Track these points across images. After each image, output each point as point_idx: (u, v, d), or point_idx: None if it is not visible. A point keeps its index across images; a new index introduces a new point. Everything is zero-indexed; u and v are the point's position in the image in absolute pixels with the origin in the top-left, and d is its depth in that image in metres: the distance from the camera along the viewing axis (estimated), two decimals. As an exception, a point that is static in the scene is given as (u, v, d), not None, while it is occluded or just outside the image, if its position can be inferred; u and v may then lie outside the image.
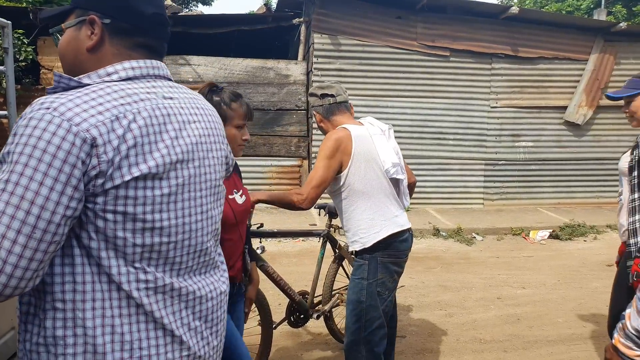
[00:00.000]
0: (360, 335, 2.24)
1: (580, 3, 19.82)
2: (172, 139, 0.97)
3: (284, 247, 5.96)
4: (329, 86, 2.37)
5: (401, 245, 2.30)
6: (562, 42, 7.82)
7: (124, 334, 0.94)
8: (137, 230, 0.93)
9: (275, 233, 2.95)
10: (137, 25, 1.03)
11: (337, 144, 2.17)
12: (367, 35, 7.34)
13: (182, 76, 7.32)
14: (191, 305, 1.04)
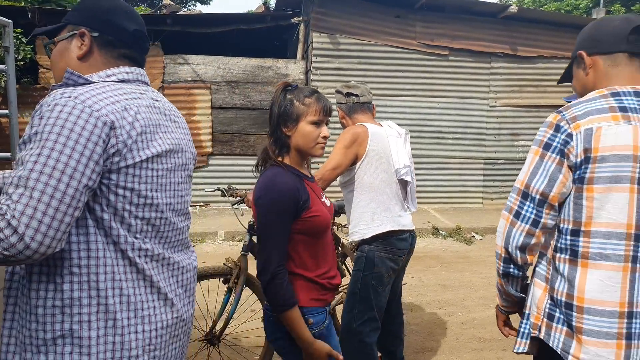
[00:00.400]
0: (352, 325, 2.34)
1: (579, 2, 19.81)
2: (164, 132, 1.18)
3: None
4: (355, 86, 2.49)
5: (399, 243, 2.36)
6: (561, 41, 7.83)
7: (129, 296, 1.10)
8: (139, 205, 1.11)
9: None
10: (121, 39, 1.21)
11: (354, 137, 2.30)
12: (366, 34, 7.35)
13: (180, 75, 7.31)
14: (176, 274, 1.22)
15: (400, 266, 2.46)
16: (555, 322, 1.33)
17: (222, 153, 7.50)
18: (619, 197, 1.23)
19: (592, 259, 1.26)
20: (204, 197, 7.50)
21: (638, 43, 1.32)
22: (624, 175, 1.22)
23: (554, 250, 1.35)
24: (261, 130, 7.51)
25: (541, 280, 1.38)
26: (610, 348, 1.24)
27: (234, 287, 2.57)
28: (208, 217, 7.01)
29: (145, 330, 1.12)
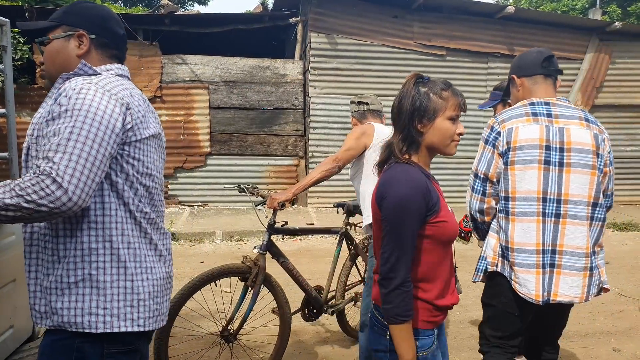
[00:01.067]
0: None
1: (575, 3, 19.90)
2: (153, 118, 1.43)
3: (282, 246, 5.94)
4: (366, 97, 2.83)
5: None
6: (558, 42, 7.86)
7: (136, 249, 1.33)
8: (143, 173, 1.35)
9: (297, 230, 2.99)
10: (114, 42, 1.45)
11: (362, 130, 2.60)
12: (364, 34, 7.35)
13: (178, 75, 7.31)
14: (162, 237, 1.45)
15: None
16: (505, 259, 1.99)
17: (220, 153, 7.50)
18: (531, 173, 1.88)
19: (517, 216, 1.92)
20: (202, 197, 7.50)
21: (549, 68, 1.97)
22: (534, 158, 1.88)
23: (498, 212, 1.98)
24: (259, 130, 7.51)
25: (494, 232, 2.02)
26: (531, 274, 1.91)
27: (251, 285, 2.58)
28: (206, 217, 7.00)
29: (149, 279, 1.35)
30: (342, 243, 3.16)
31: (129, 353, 1.34)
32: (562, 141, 1.87)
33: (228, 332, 2.59)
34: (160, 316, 1.41)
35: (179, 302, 2.40)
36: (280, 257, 2.78)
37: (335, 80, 7.36)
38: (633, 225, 7.08)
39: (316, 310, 3.05)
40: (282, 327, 2.77)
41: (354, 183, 2.69)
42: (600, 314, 3.99)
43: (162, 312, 1.42)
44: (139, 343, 1.37)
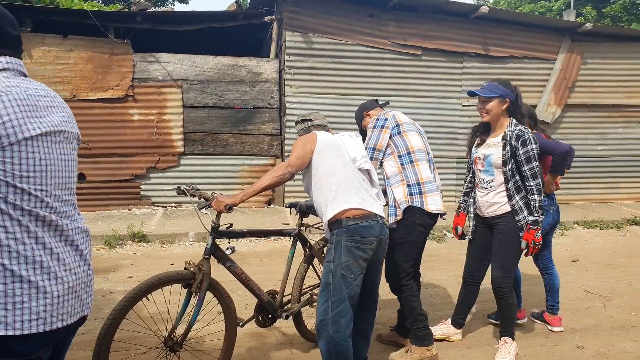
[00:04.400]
0: (328, 315, 2.40)
1: (552, 4, 20.23)
2: (40, 116, 1.37)
3: (254, 247, 5.90)
4: (308, 114, 2.92)
5: (365, 231, 2.42)
6: (532, 42, 7.95)
7: (11, 249, 1.30)
8: (22, 177, 1.31)
9: (244, 233, 2.86)
10: (2, 41, 1.41)
11: (305, 138, 2.63)
12: (339, 33, 7.33)
13: (151, 74, 7.18)
14: (60, 237, 1.42)
15: (373, 258, 2.50)
16: (414, 194, 2.88)
17: (194, 153, 7.40)
18: (416, 137, 3.00)
19: (419, 161, 2.94)
20: (175, 198, 7.39)
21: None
22: (413, 129, 3.02)
23: (400, 165, 2.96)
24: (234, 129, 7.43)
25: (398, 182, 2.94)
26: (436, 196, 2.94)
27: (196, 291, 2.50)
28: (179, 217, 6.90)
29: (31, 281, 1.32)
30: (297, 245, 3.10)
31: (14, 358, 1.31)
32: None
33: (172, 342, 2.48)
34: (53, 317, 1.36)
35: (117, 317, 2.27)
36: (227, 261, 2.68)
37: (311, 80, 7.32)
38: (603, 223, 7.20)
39: (271, 315, 2.97)
40: (227, 333, 2.69)
41: (310, 194, 2.65)
42: (567, 311, 4.03)
43: (59, 313, 1.38)
44: (25, 347, 1.32)
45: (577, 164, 8.45)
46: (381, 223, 2.50)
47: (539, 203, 2.85)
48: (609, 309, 4.10)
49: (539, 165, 2.88)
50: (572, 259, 5.60)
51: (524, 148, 2.85)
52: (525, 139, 2.86)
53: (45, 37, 6.86)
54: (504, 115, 2.98)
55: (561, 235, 6.74)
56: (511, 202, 2.94)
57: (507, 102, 2.93)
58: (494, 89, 2.93)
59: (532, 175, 2.86)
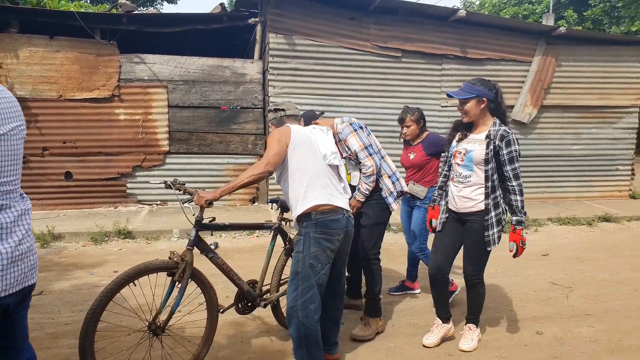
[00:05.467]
0: (297, 302, 2.57)
1: (535, 7, 20.61)
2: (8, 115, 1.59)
3: (238, 243, 6.07)
4: (281, 104, 2.98)
5: (332, 224, 2.62)
6: (508, 45, 8.20)
7: None
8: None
9: (226, 226, 3.01)
10: None
11: (279, 132, 2.71)
12: (322, 35, 7.52)
13: (137, 74, 7.32)
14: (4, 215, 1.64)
15: (339, 248, 2.68)
16: (394, 183, 3.44)
17: (179, 152, 7.54)
18: (374, 137, 3.54)
19: (386, 156, 3.55)
20: (161, 196, 7.53)
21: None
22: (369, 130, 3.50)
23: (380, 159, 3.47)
24: (218, 129, 7.59)
25: (382, 176, 3.42)
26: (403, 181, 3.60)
27: (179, 280, 2.67)
28: (165, 215, 7.04)
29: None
30: (277, 238, 3.28)
31: None
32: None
33: (155, 326, 2.65)
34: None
35: (105, 299, 2.43)
36: (209, 252, 2.85)
37: (294, 80, 7.50)
38: (575, 219, 7.47)
39: (250, 303, 3.14)
40: (209, 320, 2.86)
41: (281, 185, 2.79)
42: (531, 301, 4.25)
43: (6, 284, 1.60)
44: None
45: (553, 163, 8.74)
46: (347, 216, 2.70)
47: (521, 203, 2.91)
48: (571, 298, 4.33)
49: (519, 167, 2.95)
50: (542, 253, 5.83)
51: (508, 148, 2.90)
52: (509, 140, 2.89)
53: (32, 37, 6.96)
54: (485, 113, 3.01)
55: (534, 232, 6.99)
56: (486, 200, 2.99)
57: (485, 101, 2.96)
58: (469, 89, 2.98)
59: (514, 176, 2.91)
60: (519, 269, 5.14)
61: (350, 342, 3.36)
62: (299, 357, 2.63)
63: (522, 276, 4.93)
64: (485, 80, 3.05)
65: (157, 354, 2.88)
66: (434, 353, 3.27)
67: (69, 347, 3.18)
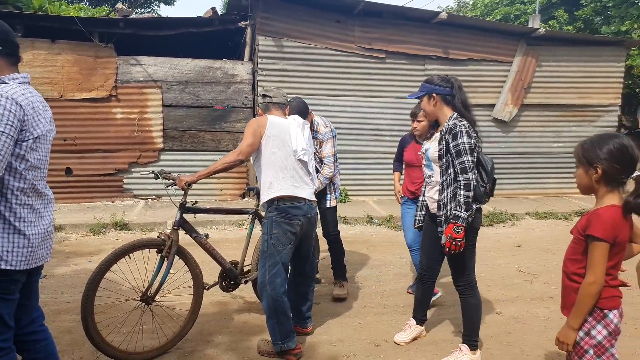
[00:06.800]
0: (265, 278, 2.91)
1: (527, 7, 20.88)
2: (44, 119, 1.95)
3: (227, 234, 6.42)
4: (270, 90, 3.15)
5: (293, 211, 2.94)
6: (489, 45, 8.53)
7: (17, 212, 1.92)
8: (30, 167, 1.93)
9: (207, 210, 3.31)
10: (14, 52, 1.95)
11: (257, 123, 2.94)
12: (309, 37, 7.86)
13: (133, 75, 7.67)
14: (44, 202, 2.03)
15: (302, 232, 3.00)
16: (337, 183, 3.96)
17: (173, 149, 7.91)
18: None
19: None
20: (155, 191, 7.89)
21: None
22: None
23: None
24: (210, 127, 7.95)
25: (337, 175, 3.88)
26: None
27: (166, 256, 3.01)
28: (159, 209, 7.40)
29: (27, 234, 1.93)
30: (255, 222, 3.64)
31: (9, 282, 1.90)
32: None
33: (147, 296, 3.00)
34: (31, 260, 1.94)
35: (104, 268, 2.78)
36: (193, 232, 3.20)
37: (283, 81, 7.84)
38: (552, 214, 7.80)
39: (232, 281, 3.49)
40: (195, 295, 3.19)
41: (255, 168, 3.08)
42: (497, 286, 4.57)
43: (35, 258, 1.96)
44: (14, 276, 1.91)
45: (533, 160, 9.07)
46: (309, 204, 3.01)
47: (464, 198, 2.70)
48: (534, 284, 4.64)
49: (472, 160, 2.75)
50: (515, 245, 6.15)
51: (455, 141, 2.73)
52: (455, 132, 2.72)
53: (35, 41, 7.32)
54: (442, 109, 2.86)
55: (512, 225, 7.32)
56: (440, 196, 2.86)
57: (435, 97, 2.84)
58: (422, 88, 2.90)
59: (461, 170, 2.72)
60: (491, 257, 5.46)
61: (323, 318, 3.70)
62: (270, 326, 2.96)
63: (492, 265, 5.22)
64: (440, 76, 2.94)
65: (148, 328, 3.22)
66: (398, 328, 3.56)
67: (69, 321, 3.54)
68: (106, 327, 3.05)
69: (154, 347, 3.03)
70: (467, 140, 2.72)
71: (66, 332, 3.36)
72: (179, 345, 3.15)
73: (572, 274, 1.98)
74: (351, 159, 8.25)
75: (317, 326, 3.56)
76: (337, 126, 8.01)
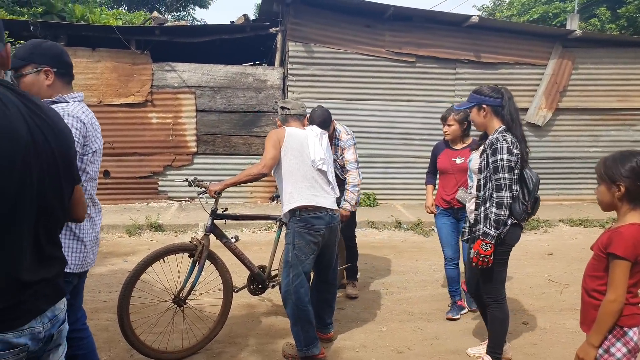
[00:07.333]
0: (290, 287, 2.98)
1: (567, 5, 20.25)
2: (99, 134, 2.14)
3: (256, 237, 6.57)
4: (288, 102, 3.24)
5: (315, 221, 3.00)
6: (523, 48, 8.37)
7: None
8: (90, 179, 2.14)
9: (237, 216, 3.46)
10: (69, 72, 2.07)
11: (276, 136, 3.03)
12: (338, 43, 7.93)
13: (168, 81, 7.95)
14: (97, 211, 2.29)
15: (324, 241, 3.05)
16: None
17: (206, 152, 8.14)
18: None
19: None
20: (188, 193, 8.14)
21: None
22: None
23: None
24: (241, 131, 8.14)
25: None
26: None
27: (198, 260, 3.14)
28: (192, 211, 7.63)
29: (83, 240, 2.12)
30: (282, 228, 3.73)
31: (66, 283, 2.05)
32: None
33: (179, 298, 3.15)
34: (84, 263, 2.13)
35: (140, 270, 2.93)
36: (223, 238, 3.32)
37: (312, 86, 7.95)
38: (588, 221, 7.57)
39: (260, 285, 3.60)
40: (224, 298, 3.32)
41: (276, 179, 3.16)
42: (524, 295, 4.51)
43: (87, 262, 2.15)
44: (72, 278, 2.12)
45: (568, 165, 8.84)
46: (330, 214, 3.04)
47: (495, 216, 2.67)
48: (564, 294, 4.55)
49: (510, 178, 2.68)
50: (547, 253, 6.02)
51: (493, 157, 2.68)
52: (496, 148, 2.67)
53: (77, 49, 7.69)
54: (492, 120, 2.81)
55: (544, 232, 7.17)
56: (476, 211, 2.85)
57: (486, 108, 2.79)
58: (471, 98, 2.86)
59: (496, 187, 2.68)
60: (520, 266, 5.35)
61: (347, 324, 3.76)
62: (295, 333, 3.04)
63: (521, 273, 5.14)
64: (490, 86, 2.87)
65: (179, 328, 3.36)
66: (422, 336, 3.61)
67: (107, 319, 3.74)
68: (140, 327, 3.20)
69: (185, 347, 3.17)
70: (506, 157, 2.65)
71: (103, 330, 3.55)
72: (207, 346, 3.28)
73: (592, 290, 1.97)
74: (380, 163, 8.27)
75: (341, 332, 3.62)
76: (366, 130, 8.13)
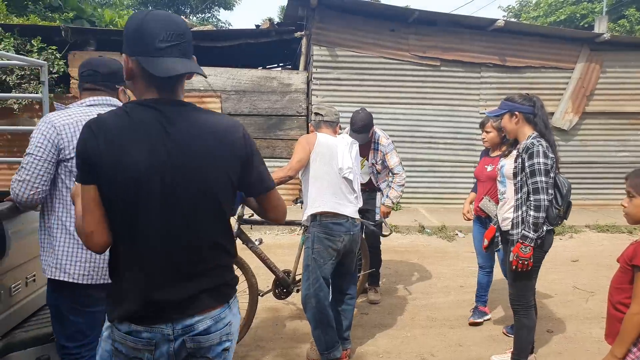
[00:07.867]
0: (310, 290, 3.04)
1: (595, 6, 19.86)
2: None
3: (280, 240, 6.66)
4: (322, 108, 3.27)
5: (335, 227, 3.04)
6: (549, 52, 8.26)
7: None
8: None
9: (263, 221, 3.46)
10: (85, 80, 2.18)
11: (305, 139, 3.09)
12: (363, 47, 7.96)
13: (194, 85, 8.10)
14: None
15: (344, 247, 3.09)
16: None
17: (231, 155, 8.25)
18: None
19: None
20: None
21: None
22: None
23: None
24: (266, 135, 8.24)
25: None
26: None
27: None
28: (217, 213, 7.76)
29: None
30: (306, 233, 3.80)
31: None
32: None
33: None
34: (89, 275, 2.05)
35: None
36: (249, 243, 3.41)
37: (336, 90, 8.00)
38: (615, 227, 7.44)
39: (285, 289, 3.67)
40: (250, 302, 3.39)
41: (302, 182, 3.20)
42: (550, 303, 4.48)
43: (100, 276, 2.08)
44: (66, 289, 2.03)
45: (595, 170, 8.68)
46: (351, 221, 3.08)
47: (533, 219, 2.73)
48: (590, 302, 4.50)
49: (547, 181, 2.73)
50: (572, 259, 5.95)
51: (530, 161, 2.75)
52: (532, 152, 2.75)
53: (106, 54, 7.89)
54: (523, 127, 2.88)
55: (569, 238, 7.07)
56: (514, 213, 2.89)
57: (518, 115, 2.86)
58: (502, 105, 2.94)
59: (533, 190, 2.74)
60: (544, 272, 5.09)
61: (371, 329, 3.81)
62: (316, 336, 3.10)
63: (545, 280, 5.06)
64: (522, 94, 2.97)
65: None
66: (446, 343, 3.64)
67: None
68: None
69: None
70: (543, 160, 2.73)
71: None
72: (234, 349, 3.37)
73: (617, 303, 1.98)
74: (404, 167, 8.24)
75: (365, 337, 3.67)
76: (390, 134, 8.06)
